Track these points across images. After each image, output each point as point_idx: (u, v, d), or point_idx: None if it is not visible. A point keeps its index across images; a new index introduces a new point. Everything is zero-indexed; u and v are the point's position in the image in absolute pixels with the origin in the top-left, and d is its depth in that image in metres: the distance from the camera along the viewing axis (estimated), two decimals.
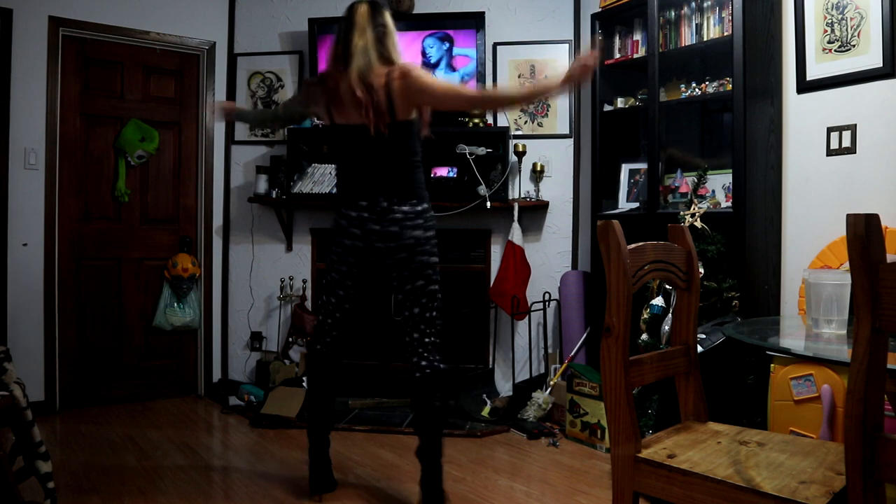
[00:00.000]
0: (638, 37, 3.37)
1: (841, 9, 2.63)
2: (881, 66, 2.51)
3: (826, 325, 1.66)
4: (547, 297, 3.85)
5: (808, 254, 2.74)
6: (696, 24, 3.10)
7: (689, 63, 3.25)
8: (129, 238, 3.99)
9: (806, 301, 1.73)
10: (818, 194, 2.74)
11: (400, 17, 3.95)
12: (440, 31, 3.89)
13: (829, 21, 2.67)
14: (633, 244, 1.54)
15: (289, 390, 3.61)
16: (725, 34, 2.93)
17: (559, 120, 3.94)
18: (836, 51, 2.66)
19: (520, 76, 3.97)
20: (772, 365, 2.42)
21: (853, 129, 2.62)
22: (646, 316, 2.85)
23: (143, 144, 3.95)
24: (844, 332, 1.63)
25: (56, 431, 3.35)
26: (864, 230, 1.07)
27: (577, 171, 3.92)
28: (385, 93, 2.24)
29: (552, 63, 3.93)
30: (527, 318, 3.87)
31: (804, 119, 2.79)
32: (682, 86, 3.17)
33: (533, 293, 3.85)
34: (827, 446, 1.54)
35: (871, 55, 2.54)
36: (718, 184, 3.06)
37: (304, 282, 4.16)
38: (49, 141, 3.66)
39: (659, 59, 3.17)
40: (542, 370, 3.82)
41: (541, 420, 3.47)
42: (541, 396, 3.51)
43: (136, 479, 2.71)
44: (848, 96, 2.63)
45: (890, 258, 1.13)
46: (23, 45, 3.57)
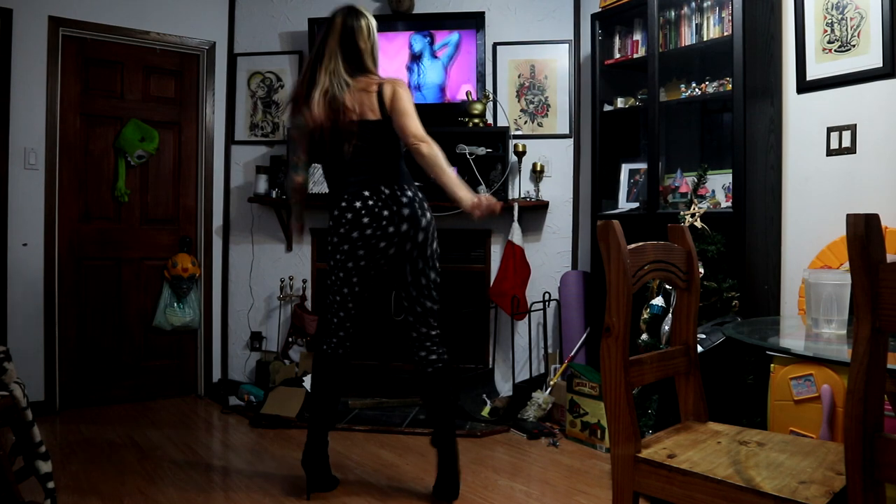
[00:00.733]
0: (638, 37, 3.37)
1: (841, 9, 2.63)
2: (881, 66, 2.51)
3: (826, 325, 1.66)
4: (547, 297, 3.85)
5: (808, 254, 2.74)
6: (696, 24, 3.10)
7: (689, 63, 3.25)
8: (129, 238, 3.99)
9: (806, 301, 1.73)
10: (818, 194, 2.74)
11: (400, 17, 3.95)
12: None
13: (829, 21, 2.68)
14: (633, 244, 1.54)
15: (289, 390, 3.61)
16: (725, 34, 2.93)
17: (559, 120, 3.94)
18: (836, 51, 2.66)
19: (520, 76, 3.97)
20: (772, 365, 2.42)
21: (853, 129, 2.62)
22: (646, 316, 2.85)
23: (143, 144, 3.95)
24: (844, 332, 1.63)
25: (56, 431, 3.35)
26: (864, 230, 1.07)
27: (577, 171, 3.93)
28: (377, 97, 2.38)
29: (552, 63, 3.93)
30: (527, 318, 3.87)
31: (804, 119, 2.79)
32: (682, 86, 3.17)
33: (533, 293, 3.85)
34: (827, 446, 1.54)
35: (871, 55, 2.54)
36: (718, 184, 3.06)
37: (304, 282, 4.16)
38: (49, 141, 3.66)
39: (659, 59, 3.17)
40: (542, 370, 3.82)
41: (541, 420, 3.47)
42: (541, 396, 3.51)
43: (136, 479, 2.71)
44: (848, 96, 2.63)
45: (890, 258, 1.13)
46: (23, 45, 3.57)
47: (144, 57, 4.01)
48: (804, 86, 2.77)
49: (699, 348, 2.27)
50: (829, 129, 2.70)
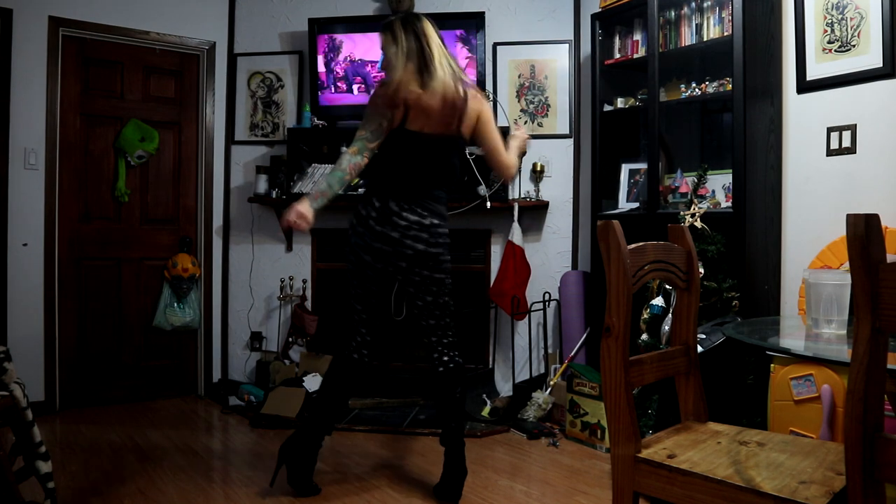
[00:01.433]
0: (638, 37, 3.37)
1: (841, 9, 2.63)
2: (881, 66, 2.51)
3: (826, 325, 1.66)
4: (547, 297, 3.85)
5: (808, 254, 2.74)
6: (696, 24, 3.10)
7: (689, 63, 3.25)
8: (129, 238, 3.99)
9: (806, 301, 1.73)
10: (818, 194, 2.74)
11: None
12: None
13: (829, 21, 2.68)
14: (633, 244, 1.54)
15: (289, 390, 3.61)
16: (725, 34, 2.93)
17: (559, 120, 3.94)
18: (836, 51, 2.66)
19: (520, 76, 3.97)
20: (772, 365, 2.42)
21: (853, 129, 2.62)
22: (646, 316, 2.85)
23: (143, 144, 3.95)
24: (844, 332, 1.63)
25: (56, 431, 3.35)
26: (864, 230, 1.07)
27: (577, 171, 3.93)
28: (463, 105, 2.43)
29: (552, 63, 3.93)
30: (527, 318, 3.87)
31: (804, 119, 2.79)
32: (682, 86, 3.17)
33: (533, 293, 3.85)
34: (827, 446, 1.54)
35: (871, 55, 2.54)
36: (718, 184, 3.06)
37: (305, 282, 4.16)
38: (49, 141, 3.66)
39: (659, 59, 3.17)
40: (542, 370, 3.82)
41: (541, 420, 3.47)
42: (541, 396, 3.51)
43: (136, 479, 2.71)
44: (848, 96, 2.63)
45: (890, 258, 1.13)
46: (23, 45, 3.57)
47: (144, 57, 4.01)
48: (804, 86, 2.77)
49: (699, 348, 2.27)
50: (829, 129, 2.70)
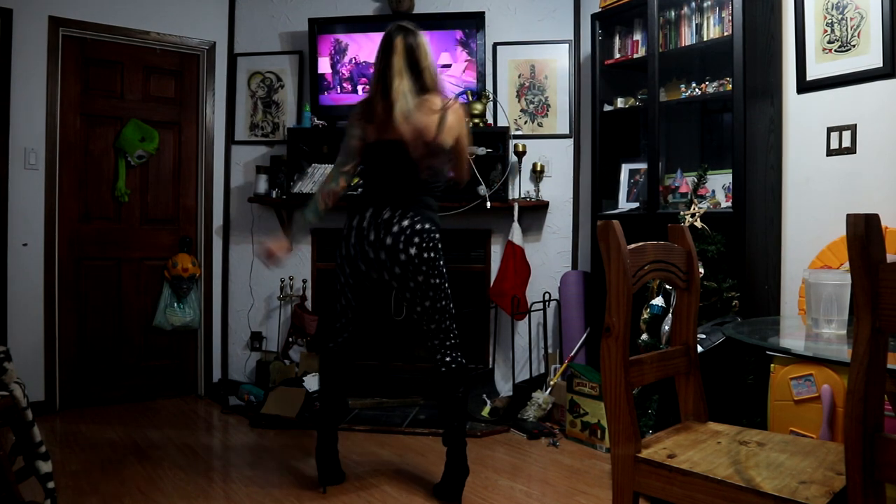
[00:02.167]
0: (638, 37, 3.37)
1: (841, 9, 2.63)
2: (881, 66, 2.51)
3: (826, 325, 1.66)
4: (547, 297, 3.85)
5: (808, 254, 2.74)
6: (696, 24, 3.10)
7: (689, 63, 3.25)
8: (129, 238, 3.99)
9: (806, 301, 1.73)
10: (818, 194, 2.74)
11: (400, 17, 3.95)
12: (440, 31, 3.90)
13: (829, 21, 2.68)
14: (633, 244, 1.54)
15: (289, 390, 3.61)
16: (725, 34, 2.93)
17: (559, 120, 3.94)
18: (836, 51, 2.66)
19: (520, 76, 3.97)
20: (772, 365, 2.42)
21: (853, 129, 2.62)
22: (646, 316, 2.85)
23: (143, 144, 3.95)
24: (844, 332, 1.63)
25: (56, 431, 3.35)
26: (864, 230, 1.07)
27: (577, 171, 3.93)
28: (439, 118, 2.44)
29: (552, 63, 3.93)
30: (527, 318, 3.87)
31: (804, 119, 2.79)
32: (682, 86, 3.17)
33: (533, 293, 3.85)
34: (827, 446, 1.54)
35: (871, 55, 2.54)
36: (718, 184, 3.06)
37: (304, 282, 4.16)
38: (49, 141, 3.66)
39: (659, 59, 3.17)
40: (542, 370, 3.82)
41: (541, 420, 3.47)
42: (541, 396, 3.51)
43: (136, 479, 2.71)
44: (848, 96, 2.63)
45: (890, 258, 1.13)
46: (23, 45, 3.57)
47: (144, 57, 4.01)
48: (804, 86, 2.77)
49: (699, 348, 2.27)
50: (829, 129, 2.70)
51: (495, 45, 3.97)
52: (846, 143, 2.64)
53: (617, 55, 3.50)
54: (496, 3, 4.00)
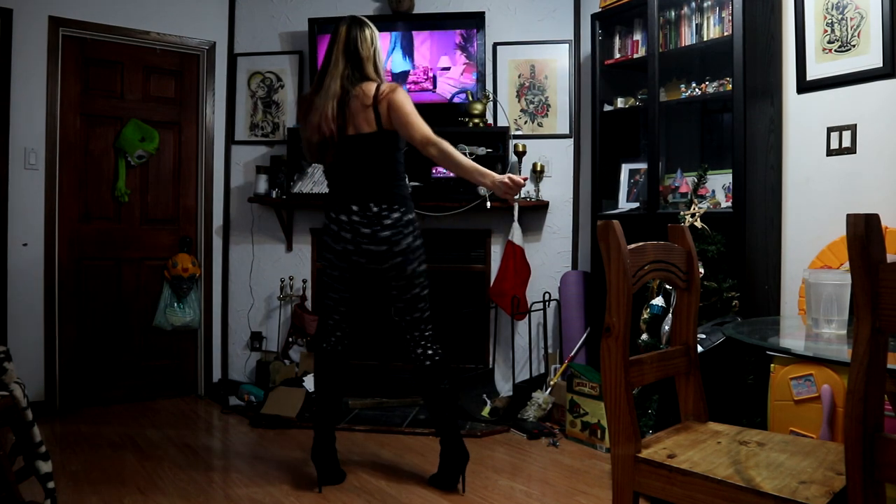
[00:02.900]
0: (638, 37, 3.37)
1: (841, 9, 2.63)
2: (881, 66, 2.51)
3: (826, 325, 1.66)
4: (547, 297, 3.85)
5: (808, 254, 2.74)
6: (696, 24, 3.10)
7: (689, 63, 3.25)
8: (129, 238, 3.99)
9: (806, 301, 1.73)
10: (818, 194, 2.74)
11: (400, 17, 3.95)
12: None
13: (830, 21, 2.68)
14: (633, 244, 1.54)
15: (289, 390, 3.61)
16: (725, 34, 2.93)
17: (559, 120, 3.94)
18: (836, 51, 2.66)
19: (520, 76, 3.97)
20: (772, 365, 2.42)
21: (853, 129, 2.62)
22: (646, 316, 2.85)
23: (143, 144, 3.95)
24: (844, 332, 1.63)
25: (56, 431, 3.35)
26: (864, 230, 1.07)
27: (577, 171, 3.92)
28: (373, 106, 2.43)
29: (552, 63, 3.93)
30: (527, 318, 3.87)
31: (804, 119, 2.79)
32: (682, 86, 3.17)
33: (533, 293, 3.85)
34: (827, 446, 1.54)
35: (871, 55, 2.54)
36: (718, 184, 3.06)
37: (304, 282, 4.16)
38: (49, 141, 3.66)
39: (659, 59, 3.16)
40: (542, 370, 3.82)
41: (541, 420, 3.47)
42: (541, 396, 3.51)
43: (136, 479, 2.71)
44: (848, 96, 2.63)
45: (890, 258, 1.13)
46: (23, 45, 3.57)
47: (144, 57, 4.01)
48: (804, 86, 2.77)
49: (699, 348, 2.27)
50: (829, 129, 2.70)
51: (495, 45, 3.97)
52: (846, 143, 2.64)
53: (617, 55, 3.50)
54: (496, 3, 4.00)
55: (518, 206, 3.77)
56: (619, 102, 3.48)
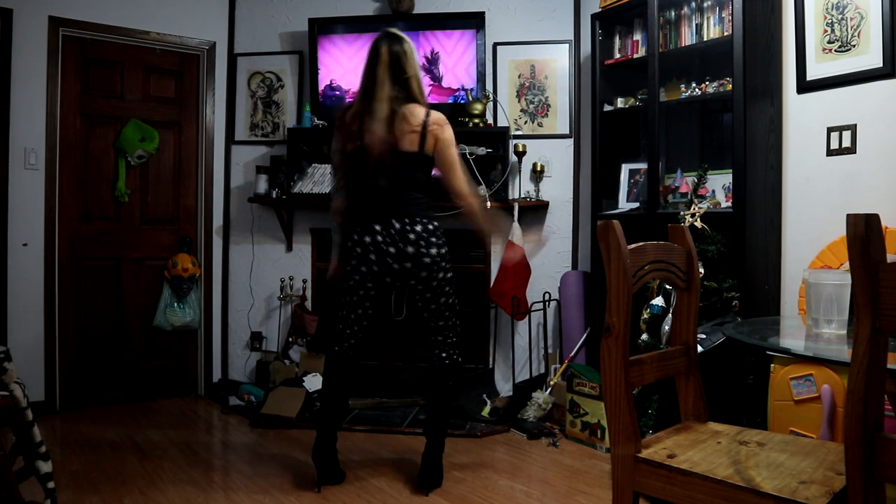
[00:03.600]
0: (638, 37, 3.37)
1: (841, 9, 2.63)
2: (881, 66, 2.51)
3: (826, 325, 1.66)
4: (547, 297, 3.85)
5: (808, 254, 2.74)
6: (696, 24, 3.10)
7: (689, 63, 3.25)
8: (129, 238, 3.99)
9: (806, 301, 1.73)
10: (818, 194, 2.74)
11: (400, 17, 3.95)
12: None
13: (830, 21, 2.68)
14: (633, 244, 1.54)
15: (289, 390, 3.61)
16: (725, 34, 2.93)
17: (559, 120, 3.94)
18: (836, 51, 2.66)
19: (520, 76, 3.97)
20: (772, 365, 2.42)
21: (853, 129, 2.62)
22: (646, 316, 2.85)
23: (143, 144, 3.95)
24: (844, 332, 1.63)
25: (56, 431, 3.35)
26: (864, 230, 1.07)
27: (577, 171, 3.92)
28: (421, 131, 2.47)
29: (552, 63, 3.93)
30: (527, 318, 3.87)
31: (804, 119, 2.79)
32: (682, 86, 3.17)
33: (533, 293, 3.85)
34: (827, 446, 1.54)
35: (871, 55, 2.54)
36: (718, 184, 3.06)
37: (305, 282, 4.16)
38: (49, 141, 3.66)
39: (659, 59, 3.16)
40: (542, 370, 3.82)
41: (541, 420, 3.47)
42: (541, 396, 3.51)
43: (136, 479, 2.71)
44: (848, 96, 2.63)
45: (890, 258, 1.13)
46: (23, 46, 3.57)
47: (144, 57, 4.01)
48: (804, 86, 2.77)
49: (699, 348, 2.27)
50: (829, 129, 2.70)
51: (495, 45, 3.97)
52: (846, 143, 2.64)
53: (617, 55, 3.50)
54: (496, 3, 4.00)
55: (518, 206, 3.77)
56: (619, 102, 3.48)
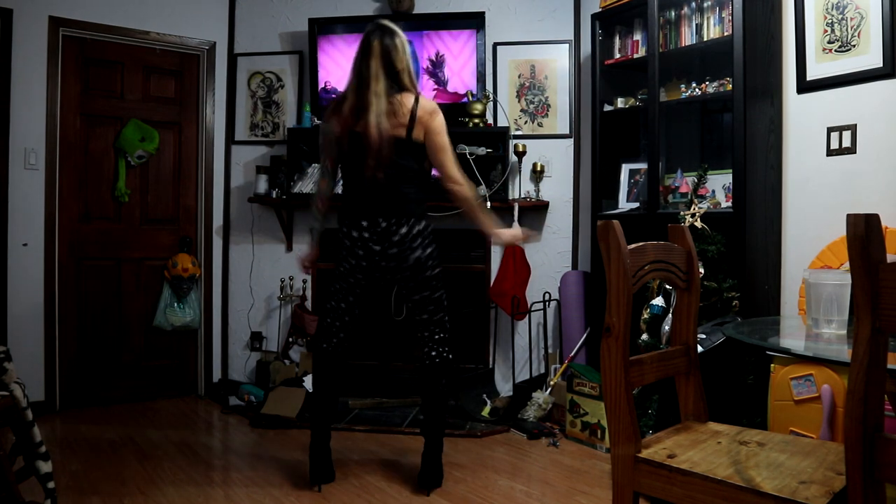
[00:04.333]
0: (638, 37, 3.37)
1: (841, 9, 2.63)
2: (881, 66, 2.51)
3: (826, 325, 1.66)
4: (547, 297, 3.85)
5: (808, 254, 2.74)
6: (696, 24, 3.10)
7: (689, 63, 3.25)
8: (129, 238, 3.99)
9: (806, 301, 1.73)
10: (818, 194, 2.74)
11: (400, 17, 3.95)
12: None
13: (830, 21, 2.67)
14: (633, 244, 1.54)
15: (289, 390, 3.61)
16: (725, 34, 2.93)
17: (559, 120, 3.94)
18: (836, 51, 2.66)
19: (520, 76, 3.97)
20: (772, 365, 2.42)
21: (853, 129, 2.62)
22: (646, 316, 2.85)
23: (143, 144, 3.95)
24: (844, 332, 1.63)
25: (56, 431, 3.35)
26: (864, 230, 1.07)
27: (577, 171, 3.92)
28: (410, 117, 2.47)
29: (552, 63, 3.93)
30: (527, 318, 3.87)
31: (804, 119, 2.79)
32: (682, 86, 3.17)
33: (533, 293, 3.85)
34: (827, 446, 1.54)
35: (871, 55, 2.54)
36: (718, 184, 3.06)
37: (304, 282, 4.16)
38: (49, 141, 3.66)
39: (659, 59, 3.16)
40: (542, 370, 3.82)
41: (541, 420, 3.47)
42: (541, 396, 3.51)
43: (136, 479, 2.71)
44: (848, 96, 2.63)
45: (890, 258, 1.13)
46: (23, 45, 3.56)
47: (144, 57, 4.01)
48: (804, 86, 2.77)
49: (699, 348, 2.27)
50: (829, 129, 2.70)
51: (495, 45, 3.97)
52: (846, 143, 2.64)
53: (617, 55, 3.50)
54: (496, 3, 4.00)
55: (518, 206, 3.77)
56: (619, 102, 3.48)
